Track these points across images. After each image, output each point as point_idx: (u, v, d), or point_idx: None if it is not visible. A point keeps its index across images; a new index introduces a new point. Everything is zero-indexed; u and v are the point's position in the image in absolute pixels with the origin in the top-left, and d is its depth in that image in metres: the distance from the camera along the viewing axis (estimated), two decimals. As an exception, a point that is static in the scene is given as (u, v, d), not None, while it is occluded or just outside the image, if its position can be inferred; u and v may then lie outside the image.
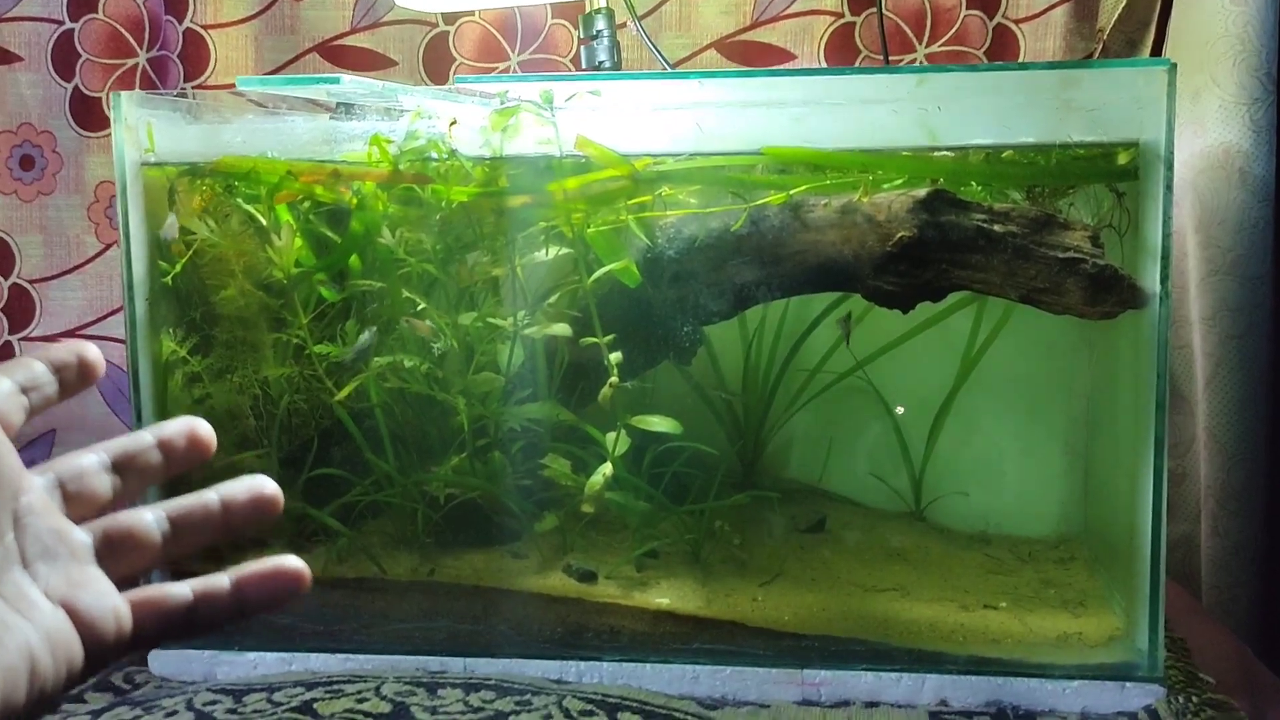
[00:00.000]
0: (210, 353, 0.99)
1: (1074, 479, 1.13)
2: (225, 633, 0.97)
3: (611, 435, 0.96)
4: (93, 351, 0.48)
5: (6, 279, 1.57)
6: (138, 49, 1.54)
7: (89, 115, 1.55)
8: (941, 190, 0.89)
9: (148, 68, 1.54)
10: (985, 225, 0.88)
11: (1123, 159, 0.90)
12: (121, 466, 0.47)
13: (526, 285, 0.98)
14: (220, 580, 0.46)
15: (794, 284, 0.94)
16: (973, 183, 0.92)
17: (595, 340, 0.95)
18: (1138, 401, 0.89)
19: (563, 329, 0.96)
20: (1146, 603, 0.87)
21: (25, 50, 1.55)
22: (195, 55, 1.54)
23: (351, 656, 0.94)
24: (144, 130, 0.94)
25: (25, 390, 0.46)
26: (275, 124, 0.97)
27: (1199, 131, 1.23)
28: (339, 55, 1.51)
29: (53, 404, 0.47)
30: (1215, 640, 1.04)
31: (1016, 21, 1.41)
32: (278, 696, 0.85)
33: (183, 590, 0.45)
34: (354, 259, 0.96)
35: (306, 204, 0.96)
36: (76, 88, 1.55)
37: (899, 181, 0.91)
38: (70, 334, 1.57)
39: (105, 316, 1.56)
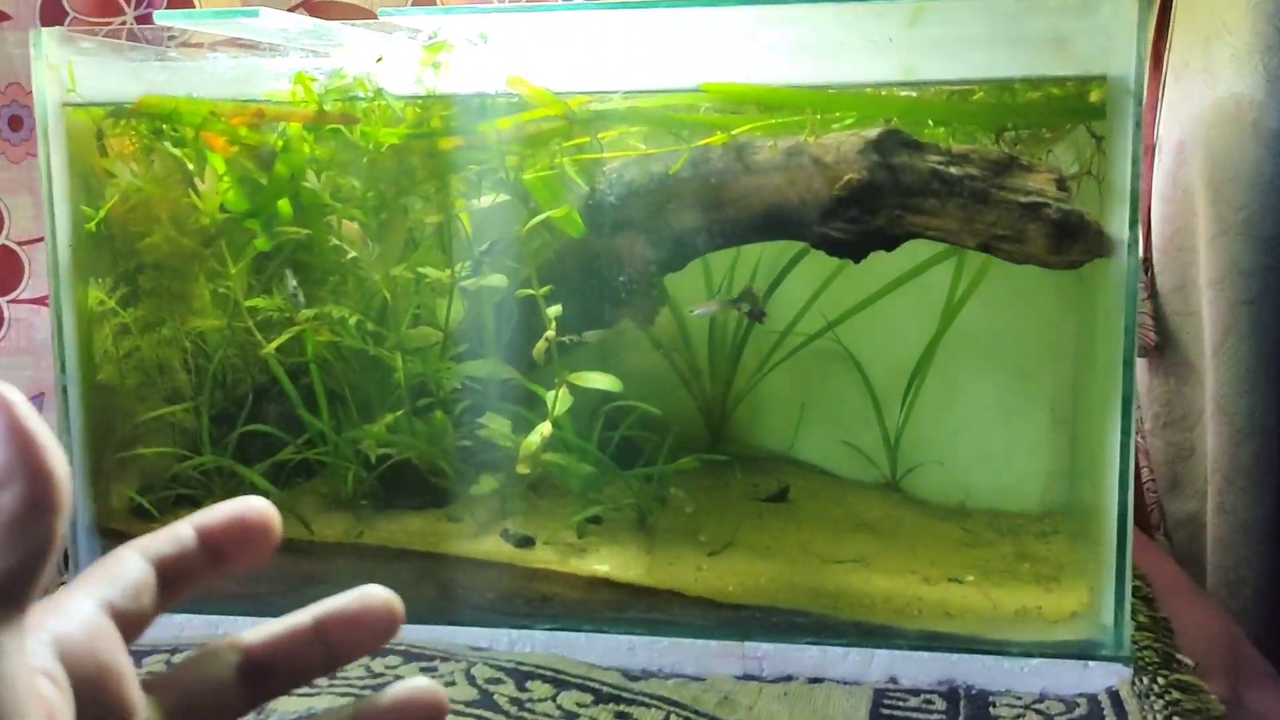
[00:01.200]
0: (139, 303, 0.95)
1: (1060, 448, 1.06)
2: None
3: (551, 394, 0.91)
4: (260, 507, 0.39)
5: (-7, 240, 1.55)
6: (124, 7, 1.51)
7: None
8: (894, 130, 0.83)
9: (135, 24, 1.51)
10: (941, 168, 0.82)
11: (1094, 96, 0.83)
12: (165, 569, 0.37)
13: (468, 235, 0.94)
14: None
15: (738, 231, 0.88)
16: (930, 123, 0.85)
17: (531, 292, 0.89)
18: (1108, 359, 0.82)
19: (498, 280, 0.91)
20: (1112, 575, 0.81)
21: (13, 8, 1.53)
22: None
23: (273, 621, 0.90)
24: (65, 70, 0.91)
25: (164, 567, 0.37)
26: (199, 63, 0.93)
27: (1209, 82, 1.15)
28: (325, 12, 1.47)
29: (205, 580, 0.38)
30: (1204, 620, 0.96)
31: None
32: (179, 659, 0.81)
33: None
34: (283, 204, 0.92)
35: (234, 148, 0.92)
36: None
37: (849, 121, 0.85)
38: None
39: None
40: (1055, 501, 1.05)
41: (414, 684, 0.39)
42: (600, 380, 0.90)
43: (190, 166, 0.92)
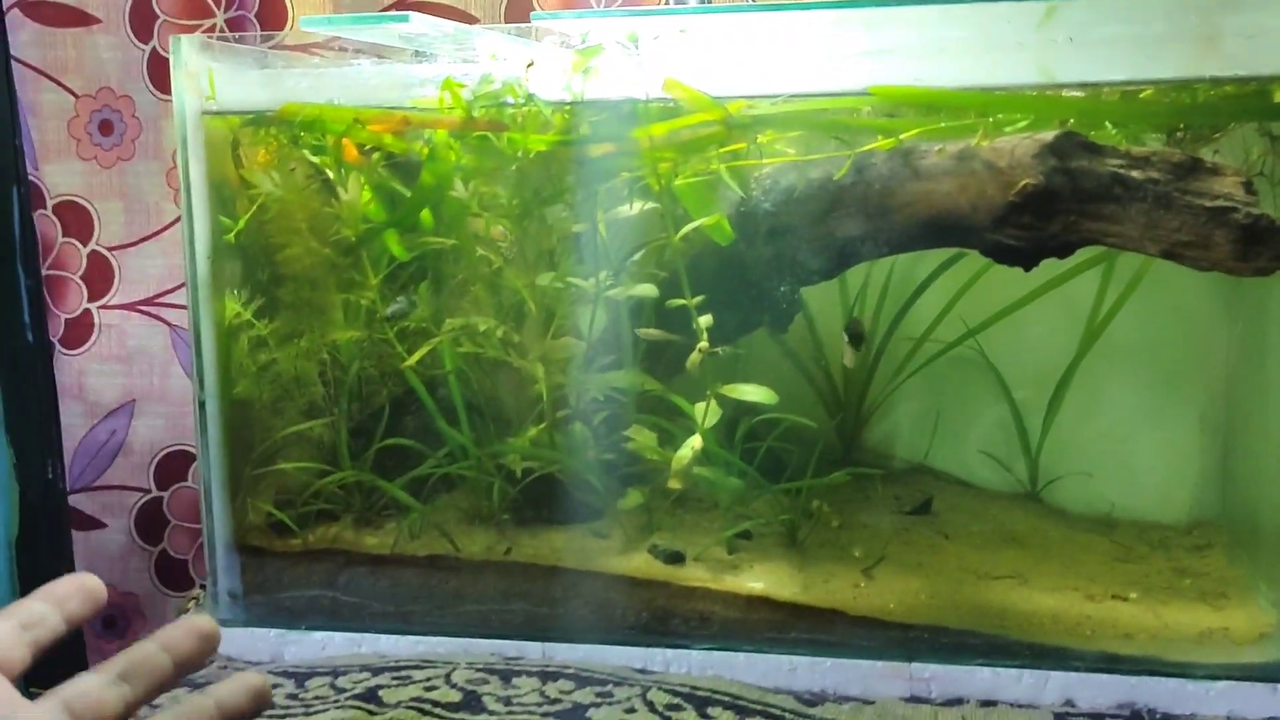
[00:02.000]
0: (276, 315, 0.94)
1: (1210, 458, 1.02)
2: (294, 612, 0.92)
3: (700, 405, 0.89)
4: (93, 582, 0.51)
5: (85, 246, 1.54)
6: (215, 9, 1.49)
7: (168, 79, 1.51)
8: (1071, 132, 0.79)
9: (225, 28, 1.49)
10: (1122, 171, 0.78)
11: (1279, 96, 0.80)
12: (130, 676, 0.49)
13: (610, 243, 0.91)
14: None
15: (904, 239, 0.85)
16: (1107, 124, 0.82)
17: (683, 302, 0.87)
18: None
19: (648, 289, 0.89)
20: (1304, 596, 0.78)
21: (103, 12, 1.51)
22: (273, 15, 1.48)
23: (423, 639, 0.89)
24: (205, 78, 0.89)
25: (27, 628, 0.48)
26: (342, 70, 0.90)
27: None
28: (421, 8, 1.45)
29: (59, 636, 0.49)
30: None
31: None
32: (342, 681, 0.79)
33: None
34: (425, 214, 0.90)
35: (376, 155, 0.90)
36: (154, 50, 1.51)
37: (1022, 124, 0.82)
38: (149, 302, 1.54)
39: (184, 285, 1.52)
40: (1206, 513, 1.02)
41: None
42: (754, 393, 0.88)
43: (331, 175, 0.90)
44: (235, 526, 0.94)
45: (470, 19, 1.44)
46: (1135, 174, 0.78)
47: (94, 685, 0.47)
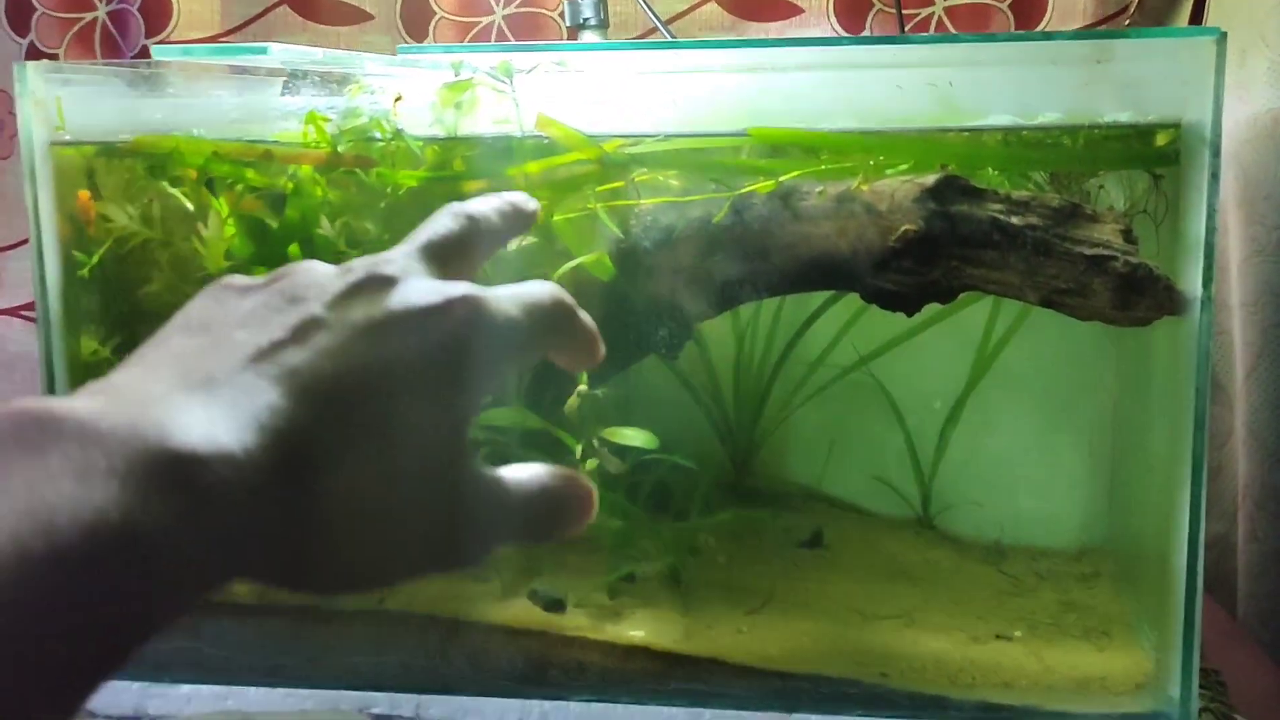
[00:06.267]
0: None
1: (1097, 484, 1.02)
2: (158, 665, 0.88)
3: (580, 448, 0.86)
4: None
5: (-40, 251, 1.48)
6: (96, 2, 1.43)
7: (44, 74, 1.44)
8: (953, 176, 0.78)
9: (107, 22, 1.43)
10: (1001, 217, 0.77)
11: (1161, 140, 0.79)
12: None
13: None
14: None
15: (784, 281, 0.83)
16: (989, 169, 0.80)
17: (561, 343, 0.84)
18: (1174, 418, 0.78)
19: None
20: (1180, 647, 0.77)
21: (-27, 3, 1.44)
22: (157, 9, 1.43)
23: (293, 691, 0.85)
24: (54, 106, 0.84)
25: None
26: (204, 99, 0.86)
27: (1244, 97, 1.10)
28: (311, 9, 1.40)
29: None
30: (1251, 667, 0.94)
31: (1044, -28, 1.28)
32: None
33: None
34: (293, 249, 0.86)
35: (239, 188, 0.86)
36: (32, 43, 1.44)
37: (904, 167, 0.80)
38: (30, 307, 1.48)
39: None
40: (1094, 538, 1.02)
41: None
42: (635, 437, 0.85)
43: (191, 209, 0.85)
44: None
45: (365, 16, 1.39)
46: (1015, 220, 0.77)
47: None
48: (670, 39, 1.23)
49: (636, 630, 0.86)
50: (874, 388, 1.01)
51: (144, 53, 1.42)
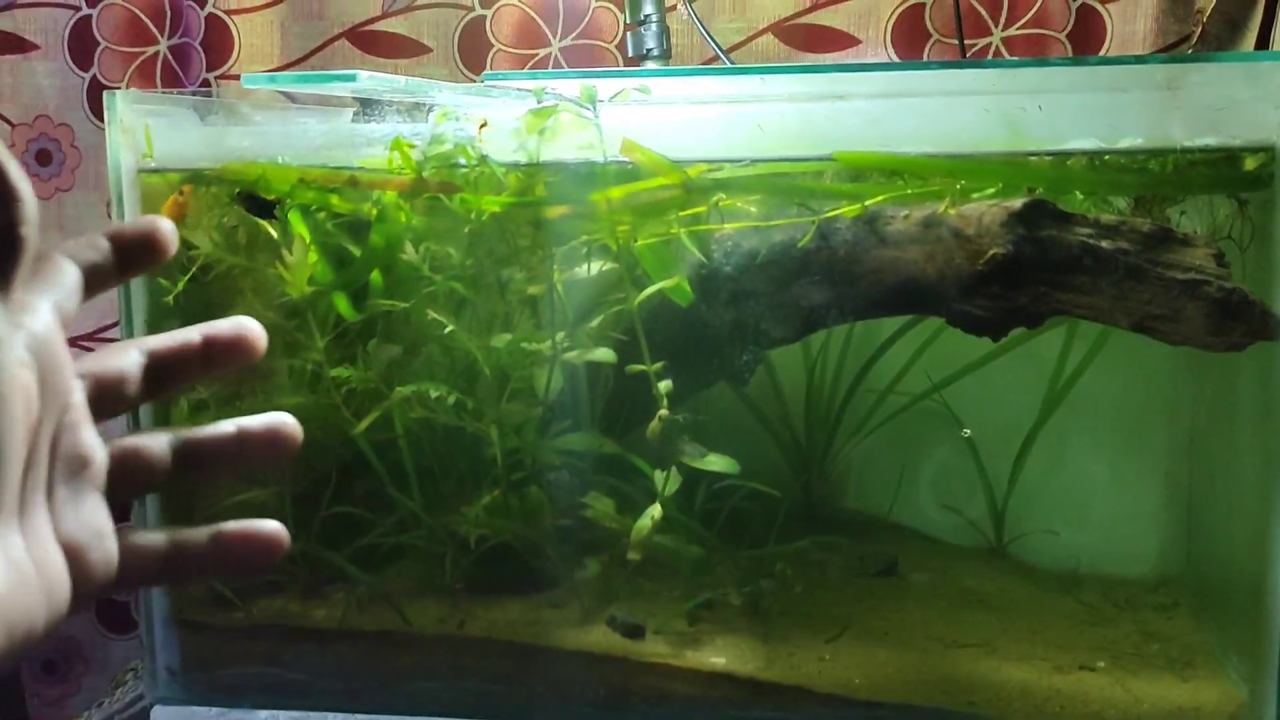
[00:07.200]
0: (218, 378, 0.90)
1: (1175, 513, 1.01)
2: (236, 689, 0.88)
3: (660, 474, 0.86)
4: (165, 226, 0.43)
5: (22, 280, 1.49)
6: (159, 36, 1.45)
7: (108, 107, 1.46)
8: (1040, 200, 0.77)
9: (169, 56, 1.45)
10: (1091, 241, 0.77)
11: (1251, 164, 0.78)
12: (162, 362, 0.44)
13: (566, 304, 0.88)
14: (198, 534, 0.43)
15: (869, 306, 0.83)
16: (1076, 193, 0.80)
17: (643, 368, 0.84)
18: (1267, 444, 0.77)
19: (606, 354, 0.86)
20: (1276, 676, 0.76)
21: (41, 38, 1.47)
22: (218, 43, 1.44)
23: (372, 717, 0.85)
24: (142, 134, 0.85)
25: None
26: (287, 126, 0.87)
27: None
28: (370, 42, 1.41)
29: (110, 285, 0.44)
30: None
31: (1102, 1, 1.28)
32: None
33: (159, 538, 0.42)
34: (375, 275, 0.87)
35: (323, 214, 0.86)
36: (95, 77, 1.46)
37: (990, 191, 0.80)
38: (91, 337, 1.49)
39: (124, 321, 1.47)
40: (1171, 569, 1.00)
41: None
42: (716, 463, 0.85)
43: (275, 236, 0.86)
44: (173, 599, 0.90)
45: (423, 49, 1.41)
46: (1105, 244, 0.77)
47: (132, 367, 0.43)
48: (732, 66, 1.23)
49: (718, 657, 0.86)
50: (945, 415, 1.01)
51: (205, 85, 1.43)
